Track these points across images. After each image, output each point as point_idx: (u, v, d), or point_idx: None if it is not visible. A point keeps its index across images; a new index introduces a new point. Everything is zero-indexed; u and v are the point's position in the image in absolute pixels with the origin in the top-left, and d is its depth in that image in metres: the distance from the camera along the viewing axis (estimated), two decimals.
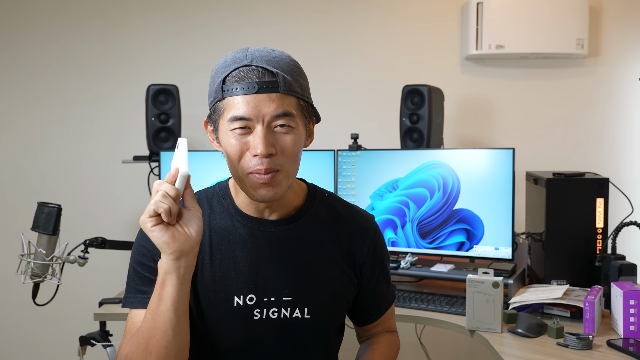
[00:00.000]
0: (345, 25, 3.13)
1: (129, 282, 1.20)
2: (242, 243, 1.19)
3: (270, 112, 1.08)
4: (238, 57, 1.11)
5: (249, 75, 1.08)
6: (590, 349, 1.68)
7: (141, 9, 3.13)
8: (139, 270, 1.18)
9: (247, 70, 1.08)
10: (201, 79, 3.12)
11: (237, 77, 1.08)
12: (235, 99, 1.08)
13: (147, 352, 1.07)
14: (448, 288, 2.30)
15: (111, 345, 2.09)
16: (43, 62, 3.12)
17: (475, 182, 2.27)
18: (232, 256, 1.18)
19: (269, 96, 1.08)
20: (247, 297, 1.17)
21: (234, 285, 1.17)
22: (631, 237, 2.47)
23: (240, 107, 1.08)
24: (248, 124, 1.09)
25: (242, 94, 1.08)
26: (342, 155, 2.48)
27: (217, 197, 1.24)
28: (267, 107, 1.08)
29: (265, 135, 1.08)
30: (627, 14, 3.12)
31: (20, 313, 3.10)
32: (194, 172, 1.15)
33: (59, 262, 2.01)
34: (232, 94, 1.08)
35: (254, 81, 1.07)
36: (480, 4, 2.96)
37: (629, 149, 3.15)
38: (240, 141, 1.10)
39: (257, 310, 1.18)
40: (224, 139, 1.12)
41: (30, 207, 2.08)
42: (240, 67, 1.09)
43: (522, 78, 3.14)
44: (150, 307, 1.07)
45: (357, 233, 1.27)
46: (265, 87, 1.07)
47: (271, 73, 1.08)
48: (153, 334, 1.06)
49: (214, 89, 1.12)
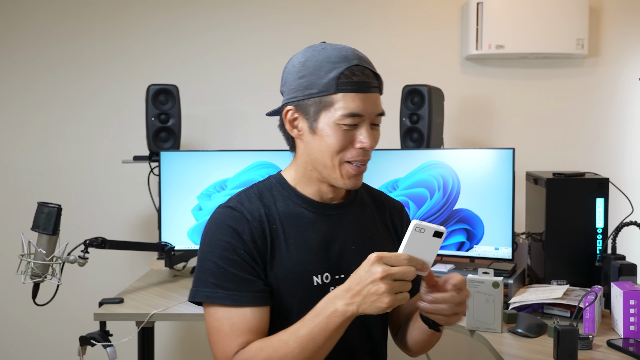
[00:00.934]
0: (345, 25, 3.13)
1: (203, 277, 1.20)
2: (311, 226, 1.26)
3: (376, 111, 1.23)
4: (343, 55, 1.21)
5: (363, 75, 1.20)
6: (590, 349, 1.67)
7: (141, 9, 3.13)
8: (222, 265, 1.19)
9: (359, 69, 1.20)
10: (201, 79, 3.14)
11: (353, 76, 1.19)
12: (351, 95, 1.19)
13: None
14: None
15: (111, 345, 2.08)
16: (43, 62, 3.12)
17: (475, 182, 2.27)
18: (304, 238, 1.25)
19: (376, 96, 1.23)
20: (323, 276, 1.25)
21: (311, 265, 1.24)
22: (631, 237, 2.47)
23: (355, 104, 1.19)
24: (359, 120, 1.20)
25: (359, 92, 1.19)
26: None
27: (276, 187, 1.30)
28: (374, 105, 1.22)
29: (371, 129, 1.23)
30: (627, 14, 3.12)
31: (20, 313, 3.10)
32: (194, 172, 1.15)
33: (59, 262, 2.01)
34: (349, 90, 1.19)
35: (367, 81, 1.20)
36: (480, 4, 2.96)
37: (629, 149, 3.15)
38: (348, 134, 1.20)
39: (331, 287, 1.24)
40: (327, 130, 1.20)
41: (30, 207, 2.08)
42: (352, 66, 1.19)
43: (522, 78, 3.14)
44: (315, 340, 1.10)
45: (396, 214, 1.42)
46: (374, 88, 1.22)
47: (375, 75, 1.24)
48: None
49: (321, 82, 1.19)
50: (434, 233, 1.07)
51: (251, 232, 1.21)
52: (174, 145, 2.70)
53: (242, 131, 3.10)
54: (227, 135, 3.11)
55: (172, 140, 2.71)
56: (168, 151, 2.53)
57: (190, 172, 2.46)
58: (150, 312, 2.09)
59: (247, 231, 1.20)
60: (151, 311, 2.10)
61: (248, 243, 1.20)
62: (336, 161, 1.21)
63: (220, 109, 3.11)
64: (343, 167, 1.22)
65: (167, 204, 2.48)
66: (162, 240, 2.49)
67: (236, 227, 1.20)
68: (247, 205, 1.24)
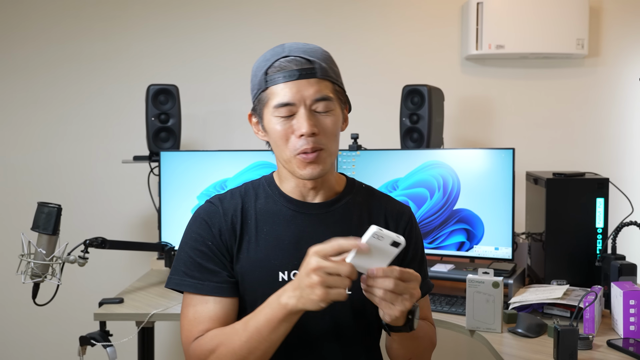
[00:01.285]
0: (345, 25, 3.13)
1: (177, 265, 1.27)
2: (286, 223, 1.28)
3: (311, 96, 1.20)
4: (276, 51, 1.23)
5: (289, 64, 1.19)
6: (590, 349, 1.67)
7: (141, 9, 3.13)
8: (192, 255, 1.26)
9: (287, 60, 1.20)
10: (201, 79, 3.14)
11: (279, 67, 1.20)
12: (278, 87, 1.20)
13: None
14: (448, 288, 2.30)
15: (111, 345, 2.08)
16: (43, 62, 3.12)
17: (475, 182, 2.26)
18: (276, 235, 1.27)
19: (308, 81, 1.20)
20: (291, 273, 1.25)
21: (278, 261, 1.25)
22: (631, 237, 2.47)
23: (283, 93, 1.19)
24: (292, 109, 1.20)
25: (284, 81, 1.19)
26: (342, 155, 2.47)
27: (263, 185, 1.34)
28: (307, 91, 1.19)
29: (308, 116, 1.19)
30: (627, 14, 3.12)
31: (20, 313, 3.09)
32: (194, 172, 1.17)
33: (59, 262, 2.01)
34: (274, 82, 1.20)
35: (294, 69, 1.19)
36: (480, 4, 2.95)
37: (629, 149, 3.15)
38: (285, 125, 1.21)
39: None
40: (269, 126, 1.23)
41: (30, 207, 2.08)
42: (280, 59, 1.21)
43: (522, 78, 3.14)
44: (260, 331, 1.13)
45: (392, 218, 1.36)
46: (304, 74, 1.20)
47: (309, 61, 1.20)
48: (254, 352, 1.14)
49: (256, 81, 1.24)
50: (391, 242, 1.06)
51: (221, 226, 1.26)
52: (174, 145, 2.70)
53: (242, 131, 3.10)
54: (227, 135, 3.11)
55: (172, 140, 2.71)
56: (168, 151, 2.53)
57: (190, 172, 2.46)
58: (150, 312, 2.09)
59: (217, 225, 1.26)
60: (151, 311, 2.10)
61: (216, 236, 1.26)
62: (288, 154, 1.22)
63: (220, 109, 3.11)
64: (296, 159, 1.22)
65: (167, 204, 2.48)
66: (162, 240, 2.49)
67: (208, 221, 1.27)
68: (227, 201, 1.30)
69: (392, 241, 1.06)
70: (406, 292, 1.08)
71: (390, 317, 1.10)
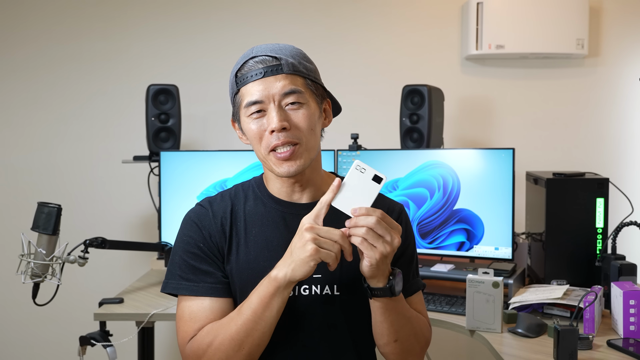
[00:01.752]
0: (345, 25, 3.13)
1: (172, 269, 1.28)
2: (275, 225, 1.28)
3: (279, 91, 1.19)
4: (246, 54, 1.24)
5: (256, 64, 1.21)
6: (590, 349, 1.67)
7: (141, 9, 3.13)
8: (185, 258, 1.26)
9: (254, 61, 1.22)
10: (201, 79, 3.14)
11: (247, 69, 1.22)
12: (246, 87, 1.22)
13: (240, 347, 1.16)
14: (448, 288, 2.30)
15: (111, 345, 2.08)
16: (43, 62, 3.12)
17: (475, 182, 2.27)
18: (265, 237, 1.27)
19: (275, 78, 1.20)
20: None
21: (267, 263, 1.24)
22: (631, 237, 2.47)
23: (251, 92, 1.21)
24: (262, 107, 1.20)
25: (251, 80, 1.21)
26: (342, 155, 2.48)
27: (252, 187, 1.34)
28: (274, 87, 1.20)
29: (277, 111, 1.19)
30: (627, 14, 3.12)
31: (20, 313, 3.10)
32: (194, 172, 1.17)
33: (59, 262, 2.01)
34: (244, 83, 1.22)
35: (259, 68, 1.20)
36: (480, 4, 2.96)
37: (629, 149, 3.15)
38: (258, 124, 1.21)
39: None
40: (245, 127, 1.24)
41: (30, 207, 2.08)
42: (248, 60, 1.22)
43: (522, 78, 3.14)
44: (254, 310, 1.14)
45: None
46: (270, 71, 1.20)
47: (275, 58, 1.21)
48: (251, 334, 1.15)
49: (230, 86, 1.26)
50: (373, 177, 1.10)
51: (210, 228, 1.27)
52: (174, 145, 2.70)
53: None
54: (227, 135, 3.11)
55: (172, 140, 2.71)
56: (168, 151, 2.53)
57: (190, 172, 2.46)
58: (150, 312, 2.09)
59: (207, 227, 1.27)
60: (151, 311, 2.10)
61: (207, 238, 1.27)
62: (263, 152, 1.22)
63: (220, 109, 3.11)
64: (270, 157, 1.22)
65: (167, 204, 2.48)
66: (162, 240, 2.49)
67: (198, 223, 1.28)
68: (217, 203, 1.31)
69: (374, 175, 1.10)
70: (387, 234, 1.09)
71: (371, 262, 1.09)
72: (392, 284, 1.14)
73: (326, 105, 1.30)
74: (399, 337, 1.24)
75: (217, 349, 1.17)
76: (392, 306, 1.19)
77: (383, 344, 1.26)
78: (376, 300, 1.18)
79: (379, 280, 1.14)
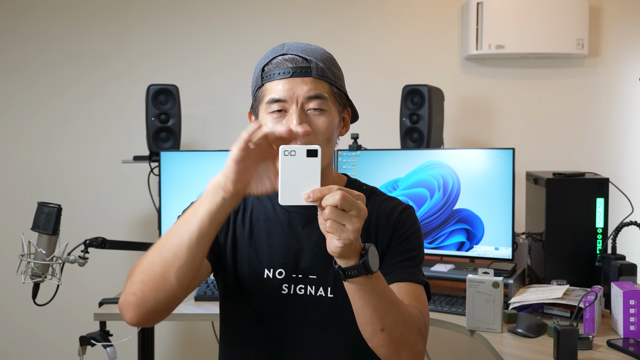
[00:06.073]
0: (345, 25, 3.13)
1: None
2: (279, 224, 1.28)
3: (304, 94, 1.17)
4: (276, 49, 1.23)
5: (285, 62, 1.19)
6: (590, 349, 1.68)
7: (141, 10, 3.13)
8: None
9: (284, 58, 1.20)
10: (201, 79, 3.14)
11: (275, 65, 1.20)
12: (272, 83, 1.19)
13: (159, 251, 1.10)
14: (448, 288, 2.30)
15: (111, 345, 2.09)
16: (43, 62, 3.12)
17: (475, 182, 2.27)
18: (268, 232, 1.28)
19: (303, 79, 1.18)
20: (276, 271, 1.26)
21: (265, 258, 1.25)
22: (631, 237, 2.47)
23: (276, 90, 1.18)
24: (284, 106, 1.18)
25: (278, 78, 1.19)
26: (342, 155, 2.48)
27: None
28: (300, 89, 1.18)
29: (299, 114, 1.17)
30: (627, 14, 3.12)
31: (20, 313, 3.09)
32: (194, 172, 1.16)
33: (59, 262, 2.01)
34: (270, 79, 1.20)
35: (288, 67, 1.19)
36: (480, 4, 2.96)
37: (629, 149, 3.15)
38: (279, 122, 1.18)
39: (285, 285, 1.25)
40: (263, 122, 1.21)
41: (30, 207, 2.08)
42: (277, 56, 1.20)
43: (522, 78, 3.14)
44: (183, 218, 1.10)
45: (383, 217, 1.28)
46: (299, 72, 1.18)
47: (305, 60, 1.19)
48: (171, 238, 1.09)
49: (254, 78, 1.23)
50: (307, 153, 0.99)
51: None
52: (174, 145, 2.70)
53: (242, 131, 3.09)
54: (227, 135, 3.11)
55: (172, 140, 2.71)
56: (168, 151, 2.53)
57: (190, 172, 2.46)
58: None
59: None
60: None
61: None
62: None
63: (220, 109, 3.11)
64: None
65: (167, 204, 2.48)
66: None
67: None
68: None
69: (306, 151, 0.99)
70: (354, 207, 0.98)
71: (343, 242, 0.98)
72: (365, 259, 1.02)
73: (346, 114, 1.28)
74: (385, 325, 1.10)
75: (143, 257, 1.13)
76: (371, 287, 1.06)
77: (370, 336, 1.13)
78: (351, 282, 1.05)
79: (351, 259, 1.02)
